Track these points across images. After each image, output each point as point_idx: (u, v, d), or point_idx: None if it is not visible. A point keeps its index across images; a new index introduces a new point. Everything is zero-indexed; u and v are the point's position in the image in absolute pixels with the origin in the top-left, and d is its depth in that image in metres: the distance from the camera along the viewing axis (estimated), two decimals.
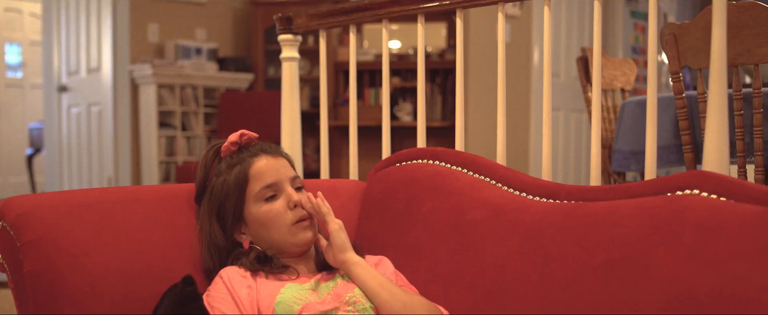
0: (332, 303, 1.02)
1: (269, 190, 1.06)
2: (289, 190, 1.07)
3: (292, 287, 1.02)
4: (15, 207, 1.05)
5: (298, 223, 1.05)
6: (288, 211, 1.06)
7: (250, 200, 1.07)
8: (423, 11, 1.57)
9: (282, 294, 1.00)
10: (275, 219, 1.05)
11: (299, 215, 1.06)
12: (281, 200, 1.06)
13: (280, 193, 1.07)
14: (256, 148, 1.10)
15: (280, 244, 1.07)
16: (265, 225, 1.06)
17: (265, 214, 1.06)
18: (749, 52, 1.45)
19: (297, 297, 1.01)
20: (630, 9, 4.93)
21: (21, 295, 1.04)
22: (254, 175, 1.06)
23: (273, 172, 1.07)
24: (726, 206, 0.94)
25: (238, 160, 1.08)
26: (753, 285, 0.86)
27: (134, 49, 4.08)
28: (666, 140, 1.74)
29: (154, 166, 3.98)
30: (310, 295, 1.02)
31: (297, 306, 1.00)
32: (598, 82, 1.32)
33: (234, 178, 1.07)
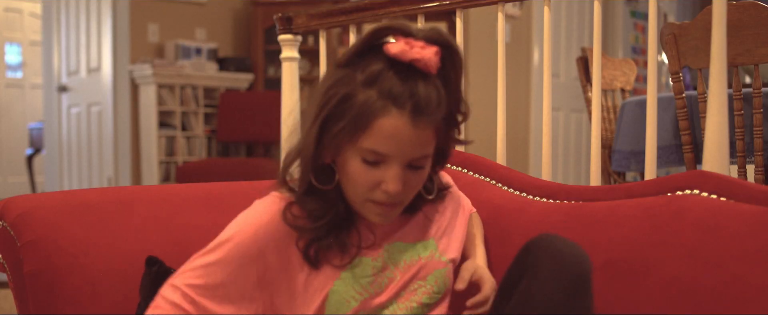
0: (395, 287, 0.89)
1: (374, 155, 0.80)
2: (395, 172, 0.81)
3: (355, 270, 0.86)
4: (15, 207, 1.05)
5: (377, 204, 0.83)
6: (377, 189, 0.82)
7: (354, 144, 0.81)
8: (423, 11, 1.57)
9: (341, 280, 0.86)
10: (357, 184, 0.83)
11: (382, 200, 0.83)
12: (377, 173, 0.81)
13: (383, 164, 0.81)
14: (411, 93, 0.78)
15: (350, 202, 0.87)
16: (344, 176, 0.84)
17: (353, 172, 0.82)
18: (749, 52, 1.45)
19: (356, 288, 0.86)
20: (630, 9, 4.93)
21: (21, 295, 1.04)
22: (373, 130, 0.79)
23: (395, 143, 0.79)
24: (726, 206, 0.94)
25: (382, 91, 0.78)
26: (753, 285, 0.86)
27: (134, 49, 4.08)
28: (666, 140, 1.74)
29: (154, 166, 3.98)
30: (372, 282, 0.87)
31: (354, 302, 0.86)
32: (598, 82, 1.32)
33: (356, 110, 0.79)
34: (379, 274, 0.89)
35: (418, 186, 0.86)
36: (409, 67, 0.79)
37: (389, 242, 0.91)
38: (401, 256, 0.91)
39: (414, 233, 0.94)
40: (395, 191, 0.81)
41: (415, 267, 0.92)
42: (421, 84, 0.79)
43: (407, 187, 0.83)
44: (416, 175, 0.84)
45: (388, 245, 0.91)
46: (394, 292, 0.90)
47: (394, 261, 0.91)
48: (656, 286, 0.93)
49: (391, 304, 0.90)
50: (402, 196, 0.84)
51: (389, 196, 0.82)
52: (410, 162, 0.82)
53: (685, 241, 0.93)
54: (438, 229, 0.96)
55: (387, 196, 0.82)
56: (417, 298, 0.91)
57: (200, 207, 1.19)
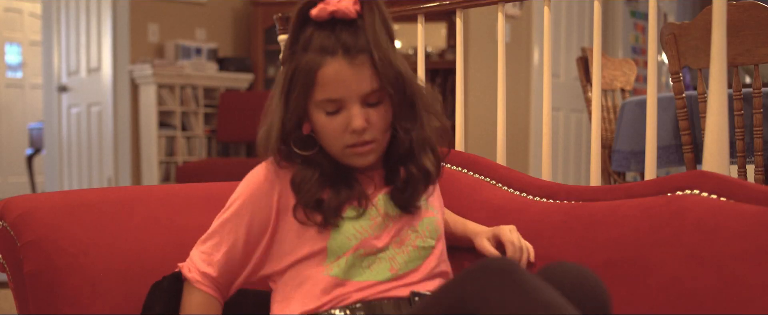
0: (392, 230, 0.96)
1: (331, 104, 0.90)
2: (355, 111, 0.90)
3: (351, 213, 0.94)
4: (15, 207, 1.05)
5: (350, 147, 0.92)
6: (345, 132, 0.91)
7: (313, 103, 0.92)
8: (423, 11, 1.57)
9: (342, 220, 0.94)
10: (328, 136, 0.92)
11: (355, 140, 0.92)
12: (341, 118, 0.91)
13: (342, 110, 0.91)
14: (339, 40, 0.89)
15: (333, 155, 0.95)
16: (319, 133, 0.94)
17: (322, 126, 0.92)
18: (749, 52, 1.45)
19: (356, 227, 0.94)
20: (630, 9, 4.93)
21: (21, 295, 1.04)
22: (320, 81, 0.89)
23: (342, 85, 0.89)
24: (726, 206, 0.94)
25: (315, 48, 0.89)
26: (753, 285, 0.86)
27: (134, 49, 4.08)
28: (666, 140, 1.74)
29: (154, 166, 3.98)
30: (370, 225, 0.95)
31: (354, 240, 0.94)
32: (598, 82, 1.32)
33: (302, 71, 0.90)
34: (376, 218, 0.96)
35: (384, 124, 0.93)
36: (332, 21, 0.89)
37: (383, 192, 0.98)
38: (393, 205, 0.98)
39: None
40: (359, 126, 0.90)
41: (406, 215, 0.98)
42: (345, 31, 0.89)
43: (372, 124, 0.92)
44: (378, 113, 0.92)
45: (381, 195, 0.98)
46: (390, 236, 0.96)
47: (389, 206, 0.98)
48: (656, 286, 0.93)
49: (388, 248, 0.96)
50: (371, 133, 0.92)
51: (358, 134, 0.91)
52: (363, 99, 0.91)
53: (685, 241, 0.93)
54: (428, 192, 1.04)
55: (356, 135, 0.91)
56: (413, 242, 0.97)
57: (200, 207, 1.19)
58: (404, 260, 0.96)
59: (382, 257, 0.95)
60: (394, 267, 0.95)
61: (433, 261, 0.99)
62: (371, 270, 0.95)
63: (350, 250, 0.94)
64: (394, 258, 0.96)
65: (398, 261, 0.96)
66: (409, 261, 0.97)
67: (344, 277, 0.94)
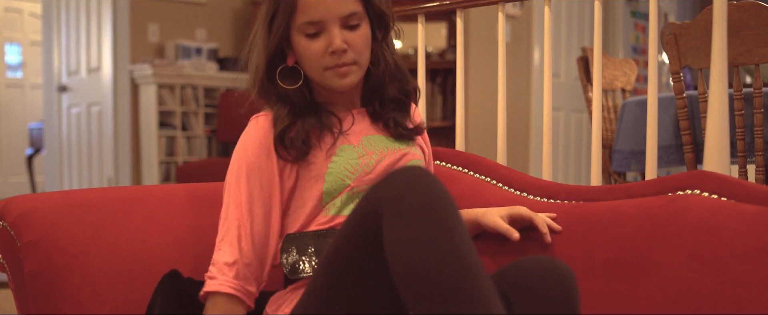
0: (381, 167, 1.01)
1: (311, 26, 0.97)
2: (334, 31, 0.96)
3: (343, 154, 1.00)
4: (15, 207, 1.04)
5: (332, 69, 0.98)
6: (326, 54, 0.97)
7: (294, 29, 0.98)
8: (423, 11, 1.57)
9: (334, 163, 0.99)
10: (310, 59, 0.98)
11: (335, 62, 0.97)
12: (321, 41, 0.97)
13: (323, 32, 0.97)
14: None
15: (316, 81, 1.02)
16: (301, 59, 1.00)
17: (303, 50, 0.98)
18: (750, 52, 1.45)
19: (347, 168, 0.99)
20: (630, 9, 4.93)
21: (21, 295, 1.04)
22: (301, 5, 0.96)
23: (321, 7, 0.95)
24: (726, 206, 0.94)
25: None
26: (754, 285, 0.86)
27: (134, 49, 4.08)
28: (666, 140, 1.74)
29: (154, 166, 3.98)
30: (360, 163, 1.00)
31: (348, 179, 0.99)
32: (598, 82, 1.31)
33: (283, 2, 0.97)
34: (364, 157, 1.02)
35: (363, 46, 0.99)
36: None
37: (368, 134, 1.04)
38: (382, 145, 1.05)
39: (391, 134, 1.07)
40: (338, 46, 0.96)
41: (397, 153, 1.03)
42: None
43: (352, 46, 0.97)
44: (356, 35, 0.98)
45: (367, 136, 1.04)
46: (380, 171, 1.01)
47: (376, 148, 1.04)
48: (656, 286, 0.93)
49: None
50: (350, 54, 0.97)
51: (338, 54, 0.96)
52: (343, 21, 0.97)
53: (685, 241, 0.93)
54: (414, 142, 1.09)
55: (336, 56, 0.96)
56: None
57: (200, 207, 1.19)
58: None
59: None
60: None
61: None
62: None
63: (346, 189, 0.99)
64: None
65: None
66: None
67: (337, 214, 0.99)
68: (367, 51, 1.00)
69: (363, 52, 0.99)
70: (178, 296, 0.97)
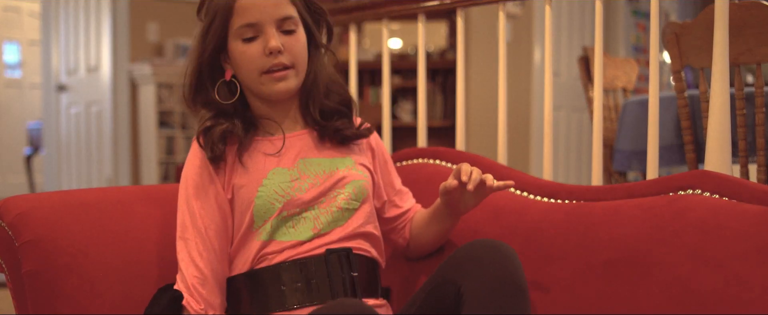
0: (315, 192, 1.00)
1: (248, 29, 0.98)
2: (270, 32, 0.97)
3: (274, 178, 0.99)
4: (14, 207, 1.04)
5: (268, 73, 0.98)
6: (262, 56, 0.98)
7: (232, 34, 0.99)
8: (424, 10, 1.57)
9: (263, 187, 0.98)
10: (247, 63, 0.98)
11: (271, 64, 0.98)
12: (258, 44, 0.98)
13: (259, 35, 0.98)
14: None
15: (252, 89, 1.02)
16: (238, 66, 1.00)
17: (240, 55, 0.99)
18: (751, 51, 1.45)
19: (278, 192, 0.98)
20: (631, 8, 4.93)
21: (19, 295, 1.04)
22: (238, 9, 0.97)
23: (257, 10, 0.97)
24: (728, 206, 0.94)
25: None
26: (755, 285, 0.85)
27: (133, 49, 4.07)
28: (668, 140, 1.74)
29: (154, 165, 3.98)
30: (292, 187, 0.99)
31: (278, 203, 0.98)
32: (599, 82, 1.31)
33: (222, 5, 0.98)
34: (297, 180, 1.01)
35: (300, 50, 1.00)
36: None
37: (305, 157, 1.02)
38: (318, 168, 1.03)
39: (330, 152, 1.05)
40: (274, 46, 0.96)
41: (334, 176, 1.02)
42: None
43: (288, 49, 0.98)
44: (292, 39, 0.99)
45: (303, 159, 1.02)
46: (314, 195, 1.00)
47: (312, 171, 1.02)
48: (658, 286, 0.93)
49: (314, 208, 0.99)
50: (287, 56, 0.98)
51: (274, 55, 0.97)
52: (278, 24, 0.98)
53: (686, 241, 0.93)
54: (358, 155, 1.08)
55: (273, 56, 0.97)
56: (337, 203, 1.01)
57: None
58: (327, 220, 1.00)
59: (306, 217, 0.99)
60: (316, 226, 0.99)
61: (358, 220, 1.02)
62: (295, 229, 0.99)
63: (275, 214, 0.98)
64: (318, 218, 1.00)
65: (321, 221, 1.00)
66: (332, 221, 1.00)
67: (268, 239, 0.98)
68: (303, 56, 1.01)
69: (299, 57, 1.00)
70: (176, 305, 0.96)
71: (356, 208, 1.02)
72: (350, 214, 1.02)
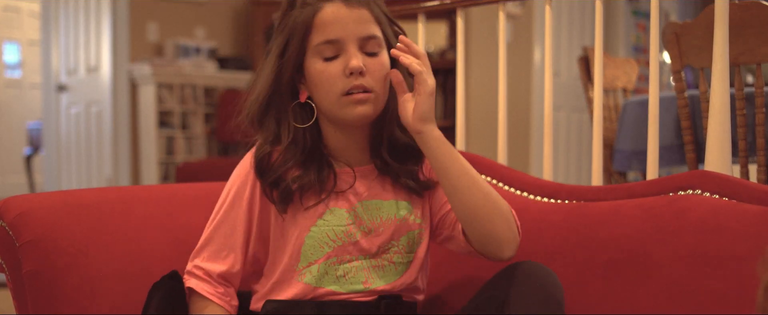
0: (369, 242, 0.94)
1: (329, 47, 0.90)
2: (352, 51, 0.89)
3: (330, 219, 0.93)
4: (14, 207, 1.04)
5: (349, 95, 0.90)
6: (343, 77, 0.89)
7: (310, 52, 0.91)
8: (424, 10, 1.57)
9: (317, 227, 0.92)
10: (325, 83, 0.90)
11: (352, 85, 0.89)
12: (338, 63, 0.90)
13: (340, 54, 0.90)
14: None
15: (328, 113, 0.93)
16: (316, 86, 0.92)
17: (318, 74, 0.91)
18: (752, 51, 1.45)
19: (330, 236, 0.93)
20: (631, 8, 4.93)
21: (20, 296, 1.04)
22: (318, 25, 0.90)
23: (339, 26, 0.89)
24: (728, 206, 0.94)
25: (312, 1, 0.91)
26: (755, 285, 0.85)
27: (133, 49, 4.07)
28: (668, 140, 1.74)
29: (154, 165, 3.98)
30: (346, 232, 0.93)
31: (327, 248, 0.93)
32: (599, 82, 1.31)
33: (301, 20, 0.90)
34: (352, 225, 0.94)
35: (381, 75, 0.92)
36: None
37: (364, 199, 0.96)
38: (377, 212, 0.96)
39: (391, 193, 0.98)
40: (356, 65, 0.88)
41: (391, 226, 0.96)
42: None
43: (370, 72, 0.90)
44: (374, 61, 0.91)
45: (363, 201, 0.95)
46: (368, 247, 0.94)
47: (369, 216, 0.96)
48: (658, 286, 0.93)
49: (366, 259, 0.94)
50: (368, 80, 0.90)
51: (355, 76, 0.89)
52: (361, 43, 0.90)
53: (687, 241, 0.93)
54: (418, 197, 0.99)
55: (354, 77, 0.89)
56: (389, 257, 0.96)
57: (200, 207, 1.18)
58: (379, 275, 0.95)
59: (357, 266, 0.94)
60: (368, 280, 0.94)
61: (411, 276, 0.97)
62: (345, 279, 0.94)
63: (322, 258, 0.93)
64: (369, 270, 0.95)
65: (373, 275, 0.95)
66: (384, 276, 0.95)
67: (316, 285, 0.93)
68: (384, 82, 0.92)
69: (380, 82, 0.91)
70: (174, 296, 0.96)
71: (411, 261, 0.97)
72: (404, 269, 0.97)
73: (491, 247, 0.92)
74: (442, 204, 0.99)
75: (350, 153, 0.96)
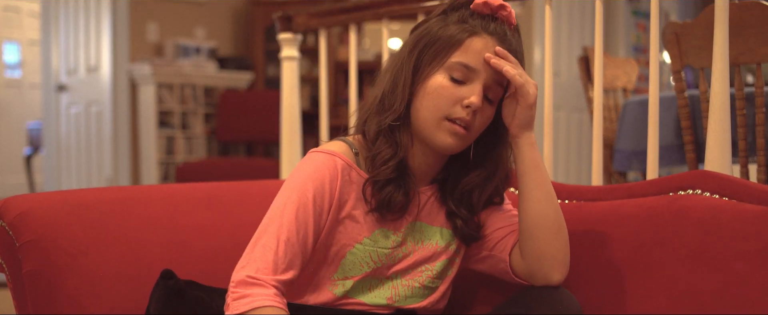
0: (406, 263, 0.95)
1: (462, 70, 0.89)
2: (477, 88, 0.89)
3: (377, 239, 0.92)
4: (14, 207, 1.04)
5: (450, 121, 0.89)
6: (458, 105, 0.89)
7: (443, 65, 0.90)
8: (424, 10, 1.56)
9: (362, 245, 0.91)
10: (439, 99, 0.89)
11: (459, 116, 0.89)
12: (462, 90, 0.89)
13: (467, 82, 0.90)
14: (498, 29, 0.91)
15: (421, 126, 0.92)
16: (429, 95, 0.90)
17: (439, 88, 0.90)
18: (752, 51, 1.45)
19: (373, 257, 0.92)
20: (631, 8, 4.93)
21: (20, 296, 1.04)
22: (465, 46, 0.89)
23: (481, 58, 0.89)
24: (728, 206, 0.94)
25: (472, 22, 0.91)
26: (755, 285, 0.85)
27: (133, 48, 4.07)
28: (668, 140, 1.74)
29: (153, 165, 3.98)
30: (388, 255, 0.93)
31: (367, 267, 0.93)
32: (599, 82, 1.31)
33: (449, 34, 0.90)
34: (396, 248, 0.95)
35: (484, 124, 0.92)
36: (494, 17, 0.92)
37: (414, 220, 0.96)
38: (420, 236, 0.97)
39: (441, 220, 0.98)
40: (476, 102, 0.88)
41: (430, 251, 0.97)
42: (505, 26, 0.92)
43: (480, 113, 0.91)
44: (487, 110, 0.92)
45: (412, 222, 0.96)
46: (403, 267, 0.95)
47: (414, 239, 0.97)
48: (658, 286, 0.93)
49: (397, 278, 0.95)
50: (476, 119, 0.90)
51: (468, 111, 0.89)
52: (488, 86, 0.90)
53: (687, 241, 0.93)
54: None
55: (465, 111, 0.89)
56: (421, 280, 0.97)
57: (200, 207, 1.18)
58: (405, 294, 0.96)
59: (386, 283, 0.95)
60: (393, 297, 0.95)
61: (434, 299, 0.98)
62: (371, 292, 0.94)
63: (359, 276, 0.93)
64: (396, 288, 0.96)
65: (400, 293, 0.96)
66: (410, 297, 0.96)
67: (344, 295, 0.94)
68: (480, 130, 0.93)
69: (480, 129, 0.92)
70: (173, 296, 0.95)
71: (438, 286, 0.98)
72: (430, 293, 0.97)
73: (543, 268, 0.92)
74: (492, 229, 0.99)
75: (422, 171, 0.96)
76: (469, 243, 0.99)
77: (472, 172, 0.96)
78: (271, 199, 0.91)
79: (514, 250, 0.96)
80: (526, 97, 0.90)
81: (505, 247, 0.96)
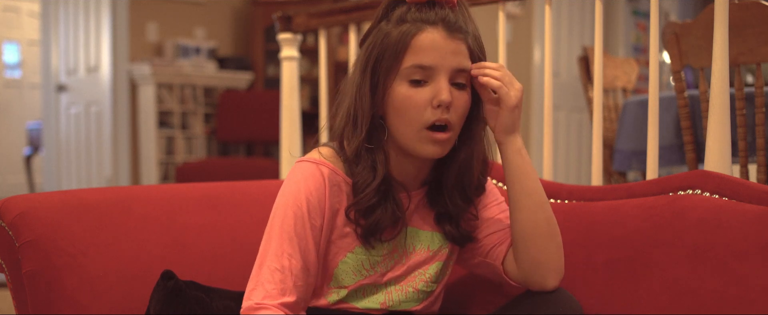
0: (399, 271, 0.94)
1: (418, 71, 0.85)
2: (442, 83, 0.85)
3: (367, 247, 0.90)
4: (13, 207, 1.04)
5: (430, 130, 0.86)
6: (429, 107, 0.85)
7: (400, 73, 0.86)
8: None
9: (353, 254, 0.90)
10: (411, 111, 0.86)
11: (437, 118, 0.85)
12: (426, 91, 0.85)
13: (428, 82, 0.86)
14: (440, 16, 0.87)
15: (402, 140, 0.88)
16: (397, 110, 0.87)
17: (404, 99, 0.86)
18: (751, 51, 1.45)
19: (364, 265, 0.91)
20: (631, 8, 4.93)
21: (19, 296, 1.04)
22: (414, 47, 0.85)
23: (436, 54, 0.85)
24: (728, 206, 0.94)
25: (413, 19, 0.86)
26: (755, 285, 0.85)
27: (133, 49, 4.07)
28: (668, 140, 1.74)
29: (153, 165, 3.98)
30: (379, 262, 0.92)
31: (359, 276, 0.92)
32: (599, 82, 1.31)
33: (393, 40, 0.86)
34: (389, 255, 0.93)
35: (463, 112, 0.88)
36: (431, 3, 0.88)
37: (405, 226, 0.94)
38: (413, 241, 0.96)
39: (432, 224, 0.97)
40: (446, 98, 0.84)
41: (423, 256, 0.96)
42: (446, 9, 0.88)
43: (455, 106, 0.86)
44: (460, 97, 0.87)
45: (404, 228, 0.94)
46: (397, 274, 0.95)
47: (406, 245, 0.95)
48: (658, 286, 0.93)
49: (391, 284, 0.95)
50: (452, 114, 0.86)
51: (442, 109, 0.85)
52: (452, 77, 0.86)
53: (686, 241, 0.93)
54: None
55: (440, 110, 0.85)
56: (415, 284, 0.96)
57: (200, 207, 1.18)
58: (400, 299, 0.95)
59: (381, 289, 0.95)
60: (386, 302, 0.95)
61: (428, 302, 0.98)
62: (366, 298, 0.94)
63: (354, 285, 0.93)
64: (390, 293, 0.95)
65: (394, 298, 0.95)
66: (405, 301, 0.96)
67: (338, 301, 0.94)
68: (463, 118, 0.89)
69: (461, 118, 0.88)
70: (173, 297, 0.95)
71: (432, 291, 0.97)
72: (425, 297, 0.97)
73: (537, 275, 0.91)
74: (484, 233, 0.98)
75: (409, 179, 0.94)
76: (462, 244, 0.97)
77: (460, 152, 0.92)
78: (271, 199, 0.92)
79: (507, 256, 0.94)
80: (507, 100, 0.87)
81: (499, 255, 0.95)
